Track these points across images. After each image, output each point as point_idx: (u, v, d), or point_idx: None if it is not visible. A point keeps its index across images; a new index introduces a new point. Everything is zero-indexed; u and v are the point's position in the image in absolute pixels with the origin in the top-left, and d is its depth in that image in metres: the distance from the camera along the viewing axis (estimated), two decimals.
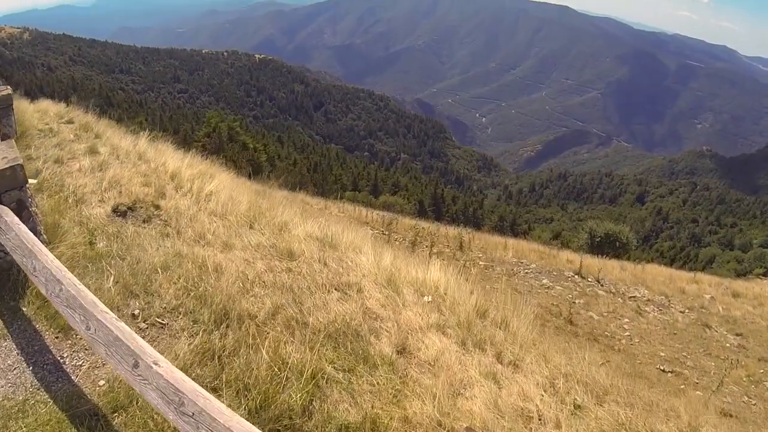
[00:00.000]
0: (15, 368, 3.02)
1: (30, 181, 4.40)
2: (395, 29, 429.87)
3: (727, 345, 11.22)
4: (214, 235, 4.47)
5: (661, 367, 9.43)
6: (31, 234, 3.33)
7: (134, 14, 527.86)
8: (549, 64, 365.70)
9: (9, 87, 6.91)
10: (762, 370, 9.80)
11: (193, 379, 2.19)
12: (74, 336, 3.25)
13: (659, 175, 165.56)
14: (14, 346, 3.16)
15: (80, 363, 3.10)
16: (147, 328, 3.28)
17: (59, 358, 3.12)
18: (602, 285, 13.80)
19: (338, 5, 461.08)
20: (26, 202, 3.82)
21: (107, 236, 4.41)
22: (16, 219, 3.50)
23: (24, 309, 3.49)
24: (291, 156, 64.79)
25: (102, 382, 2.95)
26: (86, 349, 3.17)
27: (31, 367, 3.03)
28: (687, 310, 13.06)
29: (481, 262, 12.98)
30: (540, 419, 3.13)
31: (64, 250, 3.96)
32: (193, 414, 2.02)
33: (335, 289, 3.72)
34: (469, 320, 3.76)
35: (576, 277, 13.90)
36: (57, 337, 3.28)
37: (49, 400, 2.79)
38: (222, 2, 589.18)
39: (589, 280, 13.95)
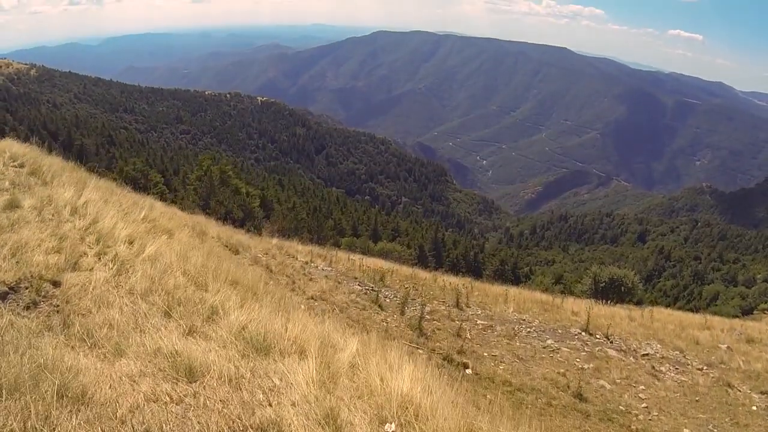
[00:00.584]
0: None
1: None
2: (397, 72, 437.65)
3: (754, 408, 10.19)
4: (109, 331, 3.23)
5: None
6: None
7: (142, 54, 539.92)
8: (548, 106, 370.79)
9: None
10: None
11: None
12: None
13: (660, 213, 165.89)
14: None
15: None
16: None
17: None
18: (612, 342, 12.75)
19: (340, 48, 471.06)
20: None
21: None
22: None
23: None
24: (290, 200, 64.30)
25: None
26: None
27: None
28: (706, 367, 12.19)
29: (479, 322, 11.81)
30: None
31: None
32: None
33: None
34: None
35: (583, 334, 12.81)
36: None
37: None
38: (226, 44, 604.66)
39: (597, 337, 12.88)
